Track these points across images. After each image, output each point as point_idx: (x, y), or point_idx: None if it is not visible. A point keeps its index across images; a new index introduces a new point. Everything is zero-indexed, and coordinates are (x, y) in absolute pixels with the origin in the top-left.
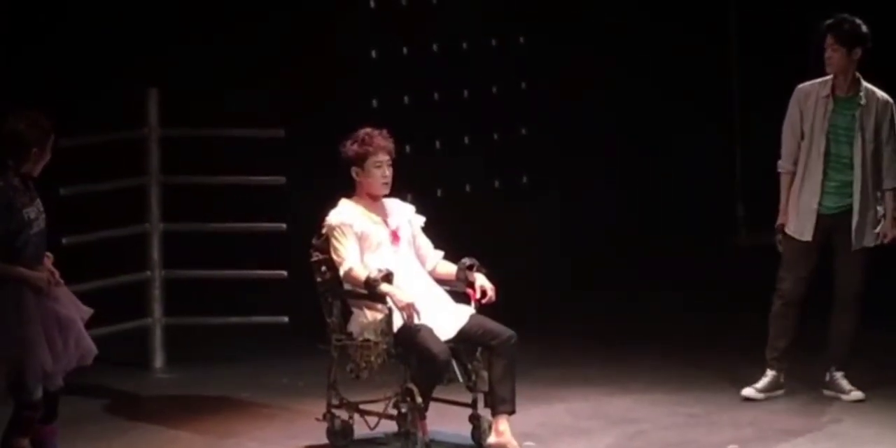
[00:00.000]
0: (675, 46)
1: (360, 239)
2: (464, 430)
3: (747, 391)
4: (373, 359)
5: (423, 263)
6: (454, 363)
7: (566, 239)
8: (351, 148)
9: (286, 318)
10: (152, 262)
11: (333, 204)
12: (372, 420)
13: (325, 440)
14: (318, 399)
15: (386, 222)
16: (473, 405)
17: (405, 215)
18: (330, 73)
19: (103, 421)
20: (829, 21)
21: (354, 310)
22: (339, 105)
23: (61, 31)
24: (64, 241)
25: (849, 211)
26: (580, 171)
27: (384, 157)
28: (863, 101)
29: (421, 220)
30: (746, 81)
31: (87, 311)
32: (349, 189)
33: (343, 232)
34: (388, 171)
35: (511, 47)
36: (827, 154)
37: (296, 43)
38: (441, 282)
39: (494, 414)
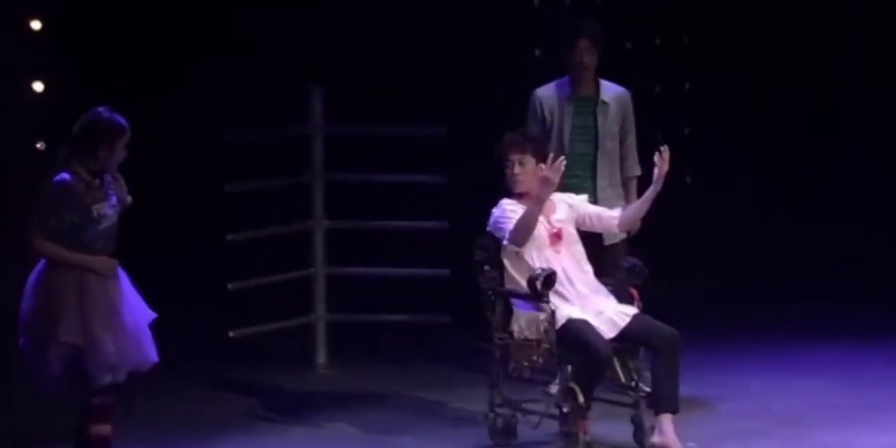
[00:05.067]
0: None
1: None
2: (626, 431)
3: None
4: (534, 358)
5: (611, 225)
6: (616, 363)
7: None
8: None
9: (448, 317)
10: (316, 259)
11: (496, 202)
12: (533, 419)
13: (486, 439)
14: (479, 397)
15: (549, 221)
16: (636, 405)
17: (566, 205)
18: (490, 71)
19: (266, 416)
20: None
21: (516, 309)
22: (502, 103)
23: (228, 30)
24: (229, 237)
25: None
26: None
27: (514, 156)
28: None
29: (582, 197)
30: None
31: (151, 316)
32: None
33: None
34: (518, 169)
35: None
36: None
37: (459, 41)
38: (603, 282)
39: (657, 413)
